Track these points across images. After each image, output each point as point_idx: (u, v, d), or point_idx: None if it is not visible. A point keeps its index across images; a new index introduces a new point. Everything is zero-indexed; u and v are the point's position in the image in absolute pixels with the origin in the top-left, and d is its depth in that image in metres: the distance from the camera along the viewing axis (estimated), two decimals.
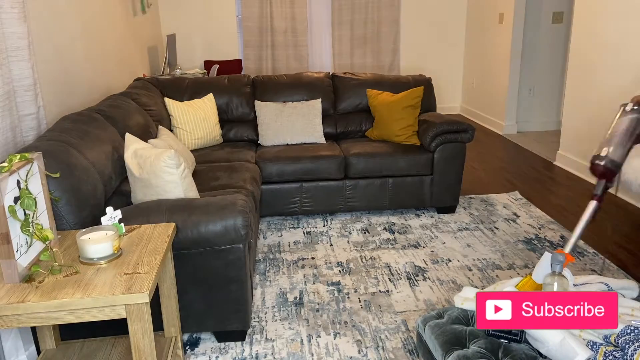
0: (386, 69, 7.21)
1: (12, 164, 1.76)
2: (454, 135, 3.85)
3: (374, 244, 3.55)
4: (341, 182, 3.86)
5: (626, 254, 3.35)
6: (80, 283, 1.71)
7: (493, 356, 1.70)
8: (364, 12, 7.03)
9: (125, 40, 4.83)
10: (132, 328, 1.70)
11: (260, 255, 3.42)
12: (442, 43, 7.34)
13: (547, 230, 3.69)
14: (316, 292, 2.98)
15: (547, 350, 1.64)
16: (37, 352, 2.26)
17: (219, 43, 6.97)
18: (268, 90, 4.37)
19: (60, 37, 3.29)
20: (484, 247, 3.47)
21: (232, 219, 2.31)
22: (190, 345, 2.54)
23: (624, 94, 2.70)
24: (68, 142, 2.47)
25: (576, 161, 4.86)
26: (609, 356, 1.57)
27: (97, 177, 2.50)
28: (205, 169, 3.45)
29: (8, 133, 2.37)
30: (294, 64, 7.02)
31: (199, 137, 4.02)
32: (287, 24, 6.92)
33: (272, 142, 4.13)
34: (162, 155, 2.46)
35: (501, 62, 6.32)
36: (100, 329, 2.14)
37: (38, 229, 1.81)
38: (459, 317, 1.91)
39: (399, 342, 2.51)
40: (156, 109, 3.80)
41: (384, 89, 4.35)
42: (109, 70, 4.21)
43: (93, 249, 1.83)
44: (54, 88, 3.10)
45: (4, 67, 2.37)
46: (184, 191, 2.51)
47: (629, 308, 1.76)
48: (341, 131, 4.37)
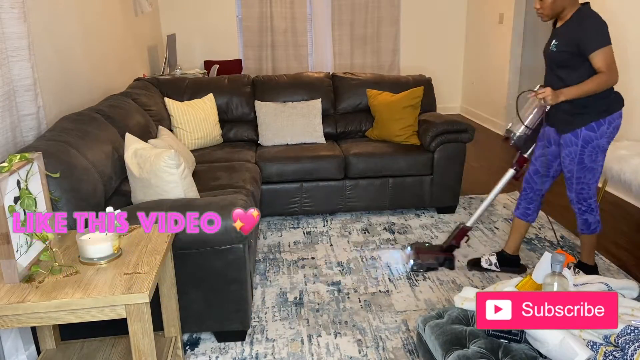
0: (386, 69, 7.21)
1: (12, 164, 1.76)
2: (454, 135, 3.85)
3: (374, 244, 3.55)
4: (341, 182, 3.86)
5: (626, 254, 3.35)
6: (80, 283, 1.71)
7: (493, 356, 1.70)
8: (364, 12, 7.03)
9: (125, 40, 4.83)
10: (132, 328, 1.70)
11: (260, 255, 3.42)
12: (442, 43, 7.34)
13: (547, 230, 3.69)
14: (316, 292, 2.98)
15: (547, 350, 1.64)
16: (37, 352, 2.27)
17: (219, 43, 6.97)
18: (268, 90, 4.37)
19: (60, 37, 3.29)
20: (484, 247, 3.47)
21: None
22: (190, 345, 2.54)
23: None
24: (68, 142, 2.47)
25: None
26: (609, 356, 1.57)
27: (97, 177, 2.50)
28: (205, 169, 3.45)
29: (8, 133, 2.37)
30: (294, 64, 7.02)
31: (199, 137, 4.02)
32: (287, 24, 6.91)
33: (272, 142, 4.13)
34: (162, 155, 2.46)
35: (501, 62, 6.32)
36: (100, 329, 2.14)
37: None
38: (459, 317, 1.92)
39: (399, 342, 2.51)
40: (156, 109, 3.80)
41: (384, 89, 4.35)
42: (109, 70, 4.21)
43: (93, 249, 1.83)
44: (54, 88, 3.10)
45: (4, 67, 2.37)
46: (184, 191, 2.51)
47: (629, 308, 1.76)
48: (341, 131, 4.37)
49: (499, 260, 3.13)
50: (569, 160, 2.73)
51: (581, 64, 2.55)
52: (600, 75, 2.51)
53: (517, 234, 3.09)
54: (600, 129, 2.61)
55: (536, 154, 2.92)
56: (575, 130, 2.64)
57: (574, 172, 2.74)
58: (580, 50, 2.52)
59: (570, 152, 2.70)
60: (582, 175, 2.73)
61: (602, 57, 2.48)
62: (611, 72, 2.52)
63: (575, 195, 2.81)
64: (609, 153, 3.56)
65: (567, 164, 2.75)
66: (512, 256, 3.12)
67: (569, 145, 2.70)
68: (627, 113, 4.09)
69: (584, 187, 2.76)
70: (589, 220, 2.83)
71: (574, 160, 2.70)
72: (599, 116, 2.60)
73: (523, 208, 3.03)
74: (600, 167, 2.73)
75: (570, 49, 2.56)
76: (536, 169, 2.93)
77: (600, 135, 2.62)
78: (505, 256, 3.12)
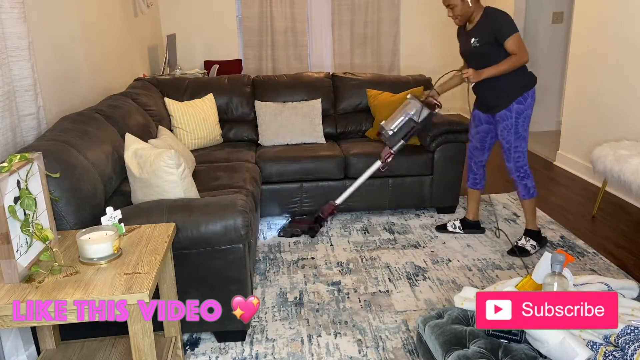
0: (386, 69, 7.21)
1: (12, 164, 1.76)
2: (454, 135, 3.85)
3: (374, 244, 3.55)
4: (341, 182, 3.86)
5: (626, 254, 3.35)
6: (80, 283, 1.71)
7: (493, 356, 1.70)
8: (364, 12, 7.03)
9: (125, 40, 4.83)
10: (132, 328, 1.70)
11: (260, 255, 3.42)
12: (442, 43, 7.33)
13: (547, 230, 3.69)
14: (316, 292, 2.98)
15: (547, 350, 1.64)
16: (37, 352, 2.27)
17: (219, 43, 6.97)
18: (268, 90, 4.37)
19: (60, 37, 3.29)
20: (484, 247, 3.47)
21: (232, 219, 2.31)
22: (190, 345, 2.54)
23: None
24: (68, 142, 2.47)
25: (576, 161, 4.86)
26: (609, 356, 1.57)
27: (97, 177, 2.50)
28: (205, 169, 3.45)
29: (8, 133, 2.37)
30: (294, 64, 7.02)
31: (199, 137, 4.02)
32: (287, 24, 6.91)
33: (272, 142, 4.13)
34: (162, 155, 2.46)
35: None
36: (100, 329, 2.14)
37: (38, 229, 1.81)
38: (459, 317, 1.91)
39: (399, 342, 2.51)
40: (156, 109, 3.80)
41: (384, 89, 4.35)
42: (109, 70, 4.21)
43: (93, 249, 1.83)
44: (54, 88, 3.10)
45: (4, 67, 2.37)
46: (184, 191, 2.51)
47: (629, 308, 1.76)
48: (341, 131, 4.37)
49: (462, 224, 3.67)
50: (507, 132, 3.18)
51: (498, 53, 3.05)
52: (512, 57, 3.02)
53: (473, 202, 3.64)
54: (526, 101, 3.12)
55: (472, 132, 3.46)
56: (509, 106, 3.13)
57: (511, 142, 3.19)
58: (497, 39, 3.03)
59: (507, 125, 3.17)
60: (518, 145, 3.19)
61: (513, 42, 3.00)
62: (521, 53, 3.02)
63: (513, 164, 3.24)
64: (609, 153, 3.59)
65: (505, 136, 3.20)
66: (473, 222, 3.67)
67: (505, 119, 3.17)
68: (627, 113, 4.11)
69: (520, 155, 3.21)
70: (528, 185, 3.27)
71: (510, 131, 3.17)
72: (523, 90, 3.11)
73: (472, 179, 3.57)
74: (527, 136, 3.22)
75: (489, 40, 3.06)
76: (474, 145, 3.47)
77: (527, 106, 3.13)
78: (467, 222, 3.68)
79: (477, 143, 3.42)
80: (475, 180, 3.55)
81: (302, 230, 3.65)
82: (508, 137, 3.18)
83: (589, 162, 3.89)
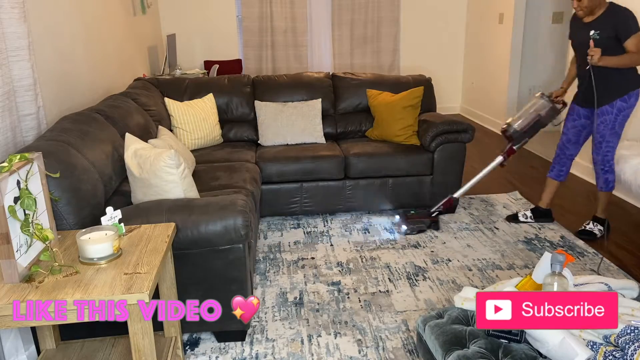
0: (386, 69, 7.21)
1: (12, 164, 1.76)
2: (454, 135, 3.85)
3: (374, 244, 3.55)
4: (341, 182, 3.86)
5: (626, 254, 3.35)
6: (80, 283, 1.71)
7: (493, 356, 1.70)
8: (364, 12, 7.03)
9: (125, 40, 4.83)
10: (132, 328, 1.70)
11: (260, 255, 3.42)
12: (442, 43, 7.34)
13: (547, 230, 3.69)
14: (316, 292, 2.98)
15: (547, 350, 1.64)
16: (37, 352, 2.27)
17: (219, 43, 6.97)
18: (268, 90, 4.36)
19: (61, 37, 3.29)
20: (484, 247, 3.47)
21: (232, 219, 2.31)
22: (190, 345, 2.54)
23: None
24: (68, 142, 2.47)
25: (576, 161, 4.84)
26: (609, 356, 1.57)
27: (97, 177, 2.50)
28: (205, 169, 3.45)
29: (8, 133, 2.37)
30: (294, 64, 7.02)
31: (199, 137, 4.02)
32: (287, 24, 6.91)
33: (272, 142, 4.13)
34: (162, 155, 2.46)
35: (501, 62, 6.32)
36: (100, 329, 2.14)
37: (38, 229, 1.81)
38: (459, 317, 1.92)
39: (399, 342, 2.51)
40: (156, 109, 3.80)
41: (384, 89, 4.35)
42: (109, 70, 4.21)
43: (93, 249, 1.83)
44: (54, 88, 3.10)
45: (4, 67, 2.37)
46: (184, 191, 2.51)
47: (629, 308, 1.76)
48: (341, 131, 4.37)
49: (533, 214, 3.79)
50: (604, 127, 3.31)
51: (614, 48, 3.12)
52: (632, 54, 3.11)
53: (550, 192, 3.75)
54: (630, 100, 3.25)
55: (568, 125, 3.57)
56: (612, 102, 3.24)
57: (605, 137, 3.33)
58: (617, 35, 3.12)
59: (606, 119, 3.29)
60: (610, 140, 3.34)
61: (635, 41, 3.09)
62: None
63: (601, 157, 3.40)
64: None
65: (601, 130, 3.33)
66: (545, 209, 3.79)
67: (605, 114, 3.29)
68: None
69: (610, 150, 3.37)
70: (609, 179, 3.45)
71: (607, 126, 3.30)
72: (629, 89, 3.24)
73: (557, 170, 3.69)
74: (621, 134, 3.36)
75: (609, 34, 3.12)
76: (568, 138, 3.58)
77: (629, 105, 3.26)
78: (540, 210, 3.80)
79: (573, 136, 3.55)
80: (560, 172, 3.67)
81: (427, 225, 3.70)
82: (603, 132, 3.31)
83: (589, 162, 3.90)
